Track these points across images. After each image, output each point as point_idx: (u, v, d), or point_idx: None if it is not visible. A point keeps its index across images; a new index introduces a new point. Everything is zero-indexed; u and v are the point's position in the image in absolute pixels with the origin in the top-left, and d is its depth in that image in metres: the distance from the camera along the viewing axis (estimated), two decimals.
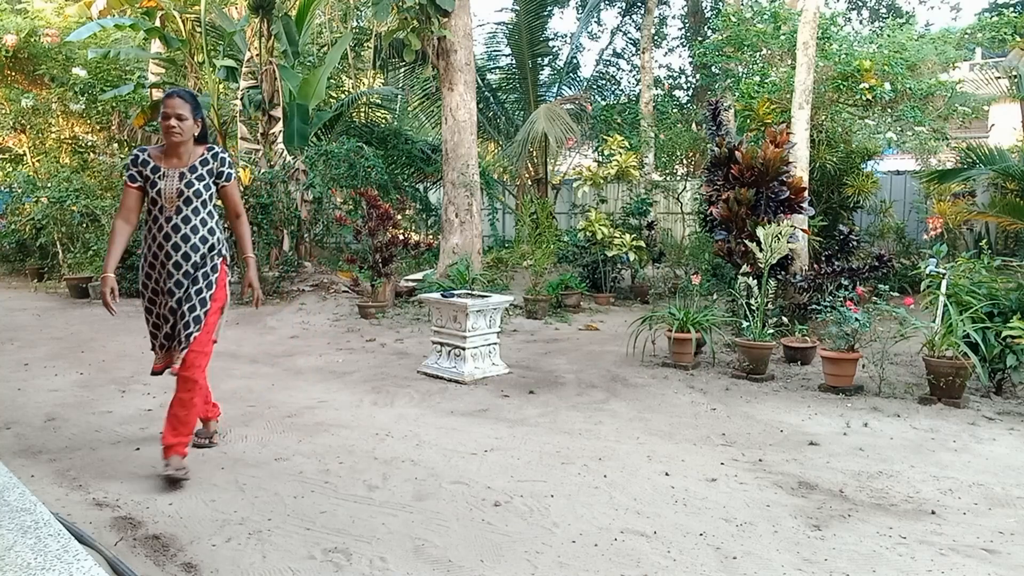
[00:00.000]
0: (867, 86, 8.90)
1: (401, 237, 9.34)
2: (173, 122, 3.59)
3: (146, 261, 3.69)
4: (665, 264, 11.01)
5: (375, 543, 2.94)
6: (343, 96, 15.13)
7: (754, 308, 6.01)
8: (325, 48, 14.06)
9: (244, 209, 3.94)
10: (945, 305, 5.29)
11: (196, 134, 3.71)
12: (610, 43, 18.38)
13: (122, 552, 2.81)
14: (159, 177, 3.63)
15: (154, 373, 3.86)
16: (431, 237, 12.86)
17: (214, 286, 3.70)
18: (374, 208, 8.90)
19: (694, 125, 14.68)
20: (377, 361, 6.45)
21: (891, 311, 5.59)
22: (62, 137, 13.92)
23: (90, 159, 14.04)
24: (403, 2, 9.49)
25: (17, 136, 13.59)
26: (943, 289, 5.42)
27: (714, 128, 7.10)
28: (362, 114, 16.02)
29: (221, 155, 3.75)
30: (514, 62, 16.44)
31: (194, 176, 3.66)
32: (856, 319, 5.34)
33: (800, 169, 7.37)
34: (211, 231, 3.69)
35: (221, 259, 3.75)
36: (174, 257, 3.60)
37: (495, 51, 17.18)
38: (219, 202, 3.84)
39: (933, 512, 3.28)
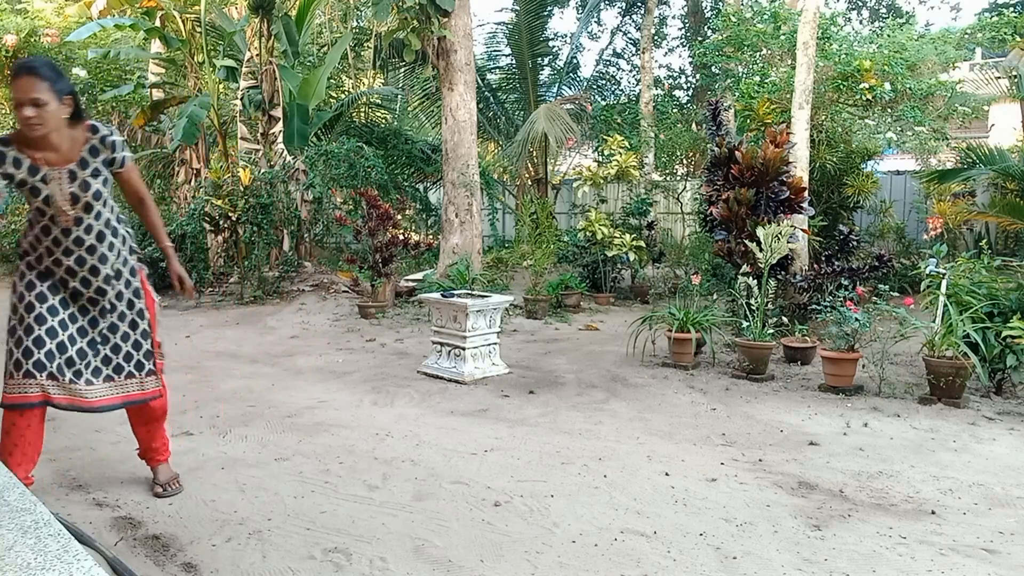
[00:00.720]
0: (867, 86, 8.90)
1: (401, 237, 9.34)
2: (28, 111, 2.73)
3: (44, 269, 2.99)
4: (665, 264, 11.01)
5: (375, 543, 2.94)
6: (343, 96, 15.13)
7: (754, 308, 6.01)
8: (325, 48, 14.06)
9: (147, 190, 3.30)
10: (945, 305, 5.29)
11: (68, 116, 2.86)
12: (610, 43, 18.40)
13: (122, 552, 2.81)
14: (42, 180, 2.84)
15: (31, 406, 2.92)
16: (431, 237, 12.86)
17: (142, 293, 3.20)
18: (374, 208, 8.90)
19: (694, 125, 14.69)
20: (377, 361, 6.45)
21: (891, 311, 5.59)
22: None
23: None
24: (403, 2, 9.49)
25: None
26: (943, 289, 5.42)
27: (714, 128, 7.10)
28: (362, 114, 16.03)
29: (109, 137, 2.99)
30: (514, 62, 16.45)
31: (87, 174, 2.91)
32: (856, 319, 5.34)
33: (800, 169, 7.37)
34: (115, 232, 3.08)
35: (135, 256, 3.24)
36: (80, 273, 3.00)
37: (495, 51, 17.19)
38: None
39: (933, 512, 3.28)
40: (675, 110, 15.58)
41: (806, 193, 6.68)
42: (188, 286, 3.35)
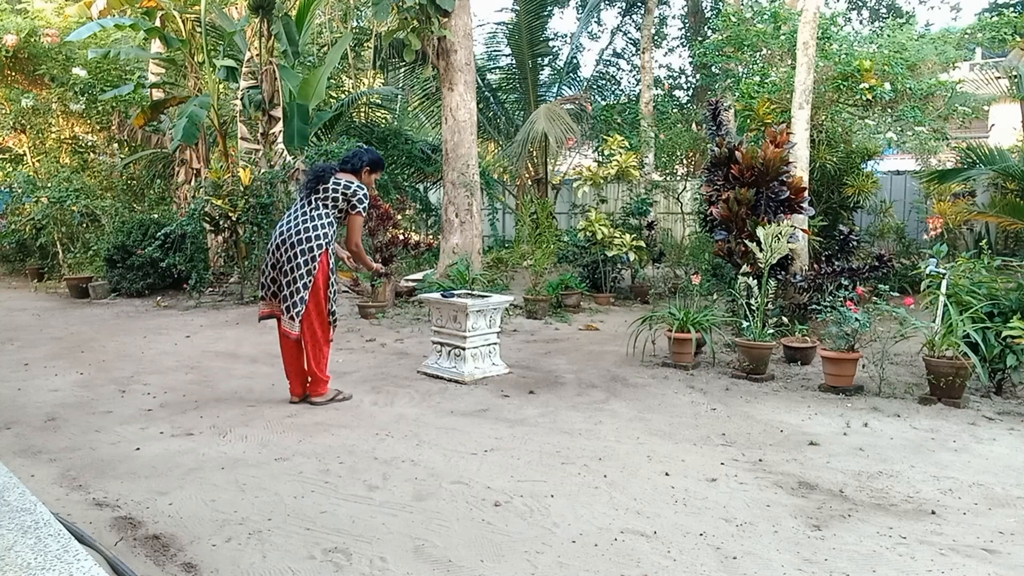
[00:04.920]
0: (867, 86, 8.89)
1: (401, 237, 9.34)
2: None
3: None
4: (665, 264, 11.00)
5: (375, 543, 2.94)
6: (343, 96, 15.12)
7: (754, 308, 6.01)
8: (325, 48, 14.05)
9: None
10: (945, 305, 5.29)
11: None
12: (610, 43, 18.38)
13: (122, 552, 2.81)
14: None
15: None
16: (431, 237, 12.85)
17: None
18: (374, 208, 8.90)
19: (694, 125, 14.67)
20: (377, 361, 6.45)
21: (891, 311, 5.59)
22: (62, 137, 13.92)
23: (90, 159, 14.04)
24: (403, 2, 9.49)
25: (17, 136, 13.59)
26: (943, 289, 5.42)
27: (714, 128, 7.10)
28: (362, 114, 16.01)
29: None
30: (514, 62, 16.44)
31: None
32: (856, 319, 5.34)
33: (800, 169, 7.37)
34: None
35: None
36: None
37: (495, 51, 17.18)
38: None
39: (933, 512, 3.28)
40: (675, 110, 15.55)
41: (806, 193, 6.68)
42: None
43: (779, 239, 6.03)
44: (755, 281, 6.09)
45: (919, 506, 3.35)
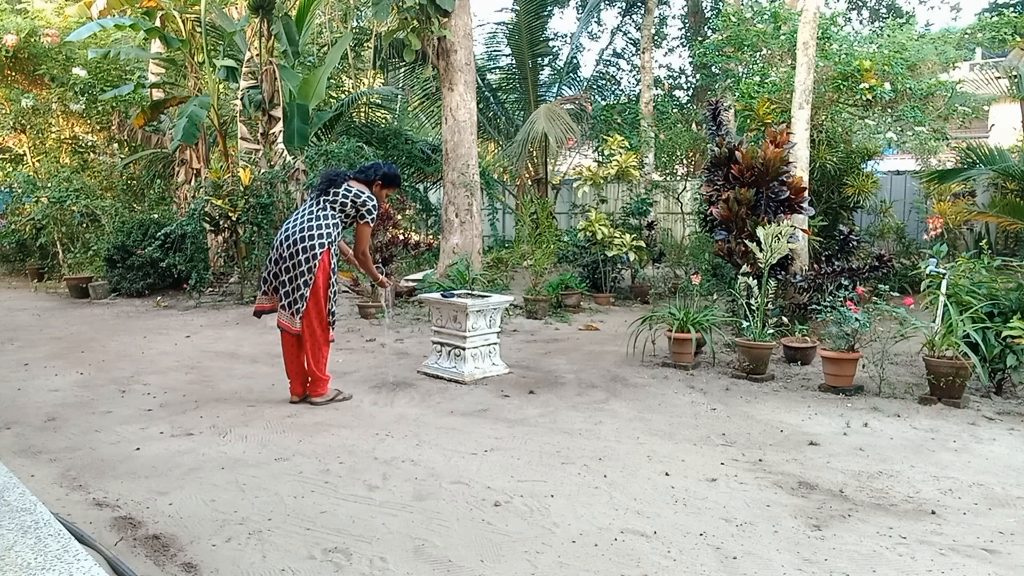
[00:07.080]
0: (867, 86, 8.90)
1: (401, 237, 9.33)
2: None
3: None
4: (665, 264, 11.01)
5: (375, 543, 2.94)
6: (343, 96, 15.12)
7: (754, 308, 6.01)
8: (325, 48, 14.06)
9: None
10: (945, 305, 5.29)
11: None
12: (610, 43, 18.39)
13: (122, 552, 2.81)
14: None
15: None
16: (431, 237, 12.85)
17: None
18: None
19: (694, 125, 14.67)
20: (377, 361, 6.45)
21: (891, 311, 5.59)
22: (62, 137, 13.92)
23: (90, 159, 14.05)
24: (403, 2, 9.49)
25: (17, 136, 13.59)
26: (943, 289, 5.42)
27: (714, 128, 7.10)
28: (362, 114, 16.02)
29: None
30: (514, 62, 16.45)
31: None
32: (856, 319, 5.34)
33: (800, 169, 7.37)
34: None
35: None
36: None
37: (495, 51, 17.19)
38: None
39: (933, 512, 3.28)
40: (675, 110, 15.54)
41: (806, 193, 6.67)
42: None
43: (779, 239, 6.03)
44: (755, 281, 6.09)
45: (919, 506, 3.35)
